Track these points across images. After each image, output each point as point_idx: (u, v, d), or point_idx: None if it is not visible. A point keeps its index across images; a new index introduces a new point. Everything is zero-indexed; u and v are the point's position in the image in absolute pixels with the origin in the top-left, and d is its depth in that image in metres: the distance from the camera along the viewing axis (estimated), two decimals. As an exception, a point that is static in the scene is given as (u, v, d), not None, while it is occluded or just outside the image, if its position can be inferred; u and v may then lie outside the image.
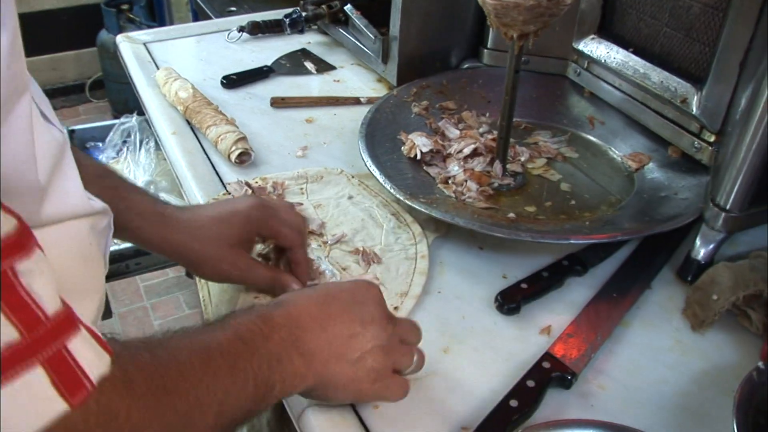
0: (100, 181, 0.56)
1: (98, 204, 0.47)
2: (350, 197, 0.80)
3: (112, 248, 1.03)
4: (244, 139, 0.88)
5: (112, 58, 2.63)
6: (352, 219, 0.76)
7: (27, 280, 0.28)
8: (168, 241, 0.60)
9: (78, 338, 0.31)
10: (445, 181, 0.83)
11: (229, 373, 0.42)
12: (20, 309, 0.28)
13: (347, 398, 0.52)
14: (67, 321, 0.31)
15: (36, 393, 0.28)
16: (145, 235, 0.60)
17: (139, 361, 0.37)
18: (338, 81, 1.12)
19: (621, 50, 0.87)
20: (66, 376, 0.30)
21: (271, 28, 1.25)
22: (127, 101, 2.73)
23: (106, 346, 0.33)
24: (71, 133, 1.50)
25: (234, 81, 1.07)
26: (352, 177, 0.83)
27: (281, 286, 0.61)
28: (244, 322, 0.46)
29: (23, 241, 0.29)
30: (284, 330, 0.47)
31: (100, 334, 0.34)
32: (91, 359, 0.31)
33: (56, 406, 0.29)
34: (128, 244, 1.00)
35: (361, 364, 0.50)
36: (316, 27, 1.27)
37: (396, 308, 0.64)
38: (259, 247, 0.69)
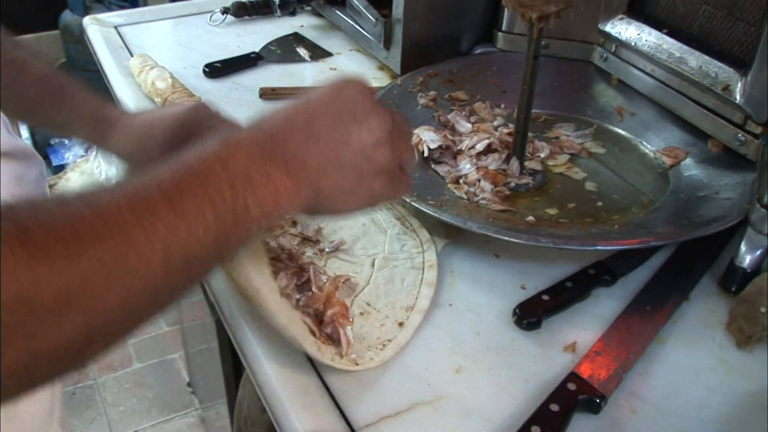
0: (45, 82, 0.65)
1: (24, 145, 0.48)
2: None
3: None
4: (229, 134, 0.88)
5: (77, 42, 2.63)
6: (352, 224, 0.76)
7: None
8: (107, 144, 0.66)
9: None
10: (456, 181, 0.83)
11: (171, 211, 0.39)
12: None
13: (358, 205, 0.52)
14: None
15: None
16: (84, 137, 0.67)
17: (42, 216, 0.35)
18: (335, 69, 1.12)
19: (654, 31, 0.87)
20: None
21: (259, 10, 1.25)
22: (95, 91, 2.73)
23: None
24: (32, 128, 1.51)
25: (218, 69, 1.07)
26: None
27: None
28: (197, 152, 0.44)
29: None
30: (253, 147, 0.45)
31: None
32: None
33: None
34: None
35: (367, 164, 0.49)
36: (309, 8, 1.28)
37: (401, 324, 0.64)
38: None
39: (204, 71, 1.07)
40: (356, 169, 0.49)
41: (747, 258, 0.69)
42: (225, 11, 1.24)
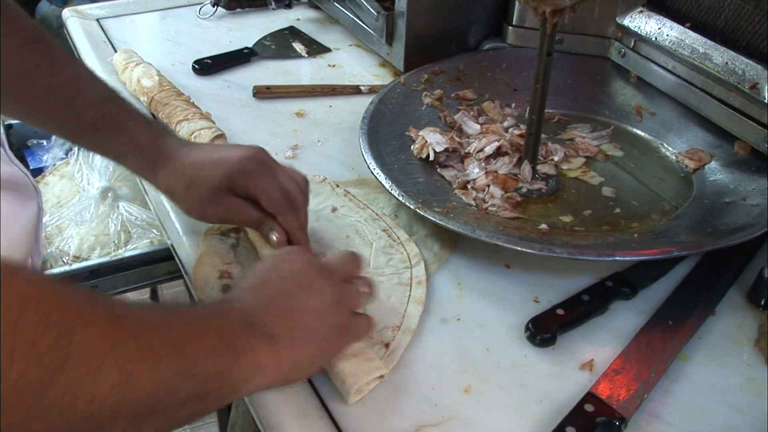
0: (103, 106, 0.70)
1: (21, 174, 0.49)
2: (333, 209, 0.80)
3: (59, 270, 1.03)
4: (222, 136, 0.88)
5: (55, 35, 2.58)
6: (336, 235, 0.76)
7: None
8: (157, 178, 0.71)
9: None
10: (464, 186, 0.83)
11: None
12: None
13: (324, 364, 0.60)
14: None
15: None
16: (136, 170, 0.73)
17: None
18: (334, 66, 1.13)
19: (676, 25, 0.88)
20: None
21: (253, 2, 1.26)
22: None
23: None
24: (8, 128, 1.51)
25: (208, 66, 1.08)
26: (337, 186, 0.83)
27: (265, 230, 0.70)
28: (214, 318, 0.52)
29: None
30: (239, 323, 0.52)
31: None
32: None
33: None
34: (81, 265, 1.01)
35: (327, 328, 0.57)
36: (306, 0, 1.28)
37: (387, 345, 0.64)
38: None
39: (193, 68, 1.08)
40: (318, 336, 0.56)
41: (776, 269, 0.69)
42: (216, 3, 1.25)
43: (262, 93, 1.02)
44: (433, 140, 0.86)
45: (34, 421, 0.37)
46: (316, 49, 1.16)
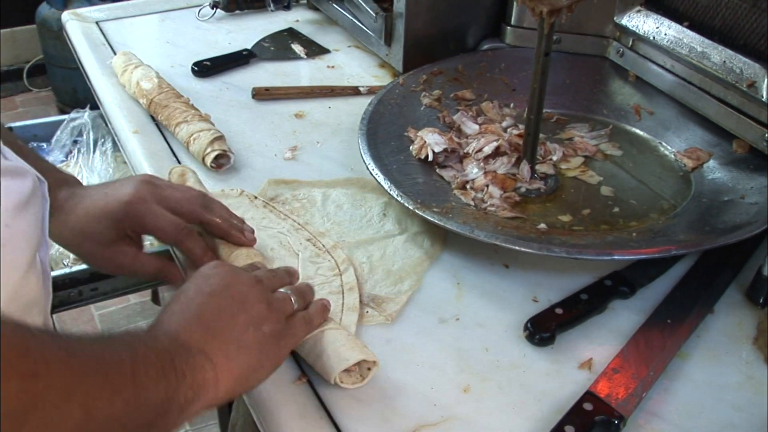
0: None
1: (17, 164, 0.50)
2: (252, 220, 0.78)
3: (60, 272, 1.03)
4: (221, 138, 0.88)
5: (55, 38, 2.64)
6: (260, 248, 0.74)
7: None
8: (52, 234, 0.68)
9: None
10: (463, 186, 0.84)
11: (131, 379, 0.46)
12: None
13: (269, 373, 0.58)
14: None
15: None
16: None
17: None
18: (333, 67, 1.13)
19: (673, 24, 0.88)
20: None
21: (252, 4, 1.26)
22: (75, 91, 2.73)
23: None
24: (9, 130, 1.52)
25: (207, 68, 1.08)
26: (255, 198, 0.83)
27: (167, 278, 0.71)
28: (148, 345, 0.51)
29: None
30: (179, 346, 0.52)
31: None
32: None
33: None
34: (82, 267, 1.01)
35: (261, 337, 0.56)
36: (305, 2, 1.29)
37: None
38: None
39: (192, 70, 1.08)
40: (254, 346, 0.56)
41: (775, 267, 0.69)
42: (215, 5, 1.25)
43: (261, 94, 1.03)
44: (431, 141, 0.86)
45: None
46: (315, 50, 1.17)
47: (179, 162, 0.89)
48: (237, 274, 0.59)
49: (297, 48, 1.16)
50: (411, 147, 0.88)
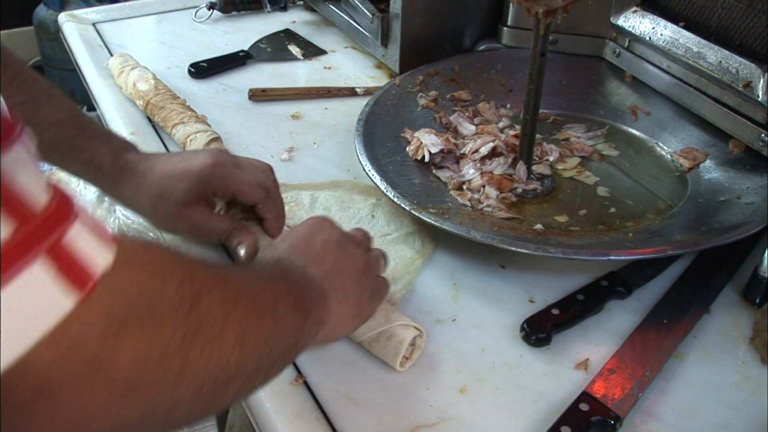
0: (58, 129, 0.70)
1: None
2: None
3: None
4: (217, 139, 0.88)
5: (52, 40, 2.64)
6: None
7: (10, 175, 0.31)
8: (122, 197, 0.73)
9: (76, 228, 0.34)
10: (459, 187, 0.84)
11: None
12: (10, 203, 0.31)
13: (357, 326, 0.62)
14: (62, 210, 0.34)
15: (39, 289, 0.31)
16: (100, 187, 0.75)
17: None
18: (329, 68, 1.13)
19: (669, 25, 0.88)
20: (68, 269, 0.33)
21: (248, 5, 1.26)
22: (72, 92, 2.72)
23: (107, 237, 0.36)
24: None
25: (204, 69, 1.08)
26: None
27: (234, 245, 0.71)
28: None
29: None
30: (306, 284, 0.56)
31: (103, 224, 0.36)
32: (92, 249, 0.34)
33: (63, 299, 0.32)
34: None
35: (361, 291, 0.61)
36: (301, 3, 1.29)
37: None
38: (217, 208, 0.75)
39: (189, 71, 1.08)
40: (355, 296, 0.60)
41: (771, 267, 0.69)
42: (211, 6, 1.25)
43: (258, 96, 1.03)
44: (428, 141, 0.86)
45: (175, 389, 0.39)
46: (311, 51, 1.17)
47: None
48: (342, 232, 0.64)
49: (294, 49, 1.16)
50: (407, 148, 0.88)
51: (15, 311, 0.30)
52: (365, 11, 1.07)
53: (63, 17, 1.23)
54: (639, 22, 0.92)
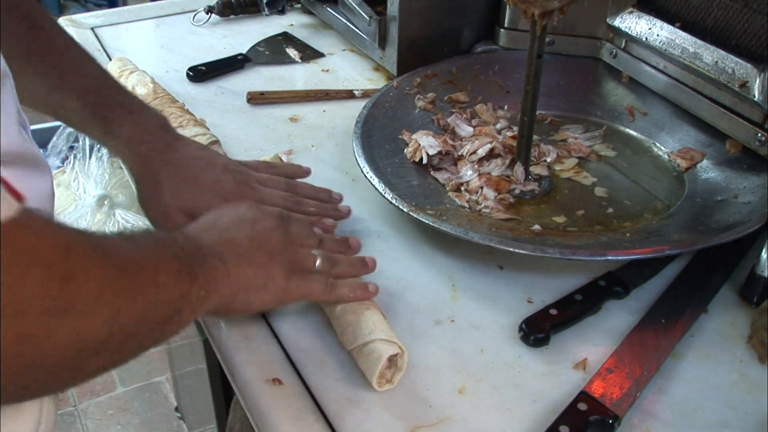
0: (87, 95, 0.71)
1: (34, 150, 0.54)
2: None
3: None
4: (216, 143, 0.89)
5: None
6: None
7: None
8: (132, 176, 0.74)
9: None
10: (457, 189, 0.84)
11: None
12: None
13: (272, 300, 0.63)
14: None
15: None
16: (125, 163, 0.75)
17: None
18: (327, 71, 1.13)
19: (666, 25, 0.88)
20: None
21: (246, 8, 1.26)
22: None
23: (18, 195, 0.37)
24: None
25: (202, 73, 1.08)
26: None
27: None
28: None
29: None
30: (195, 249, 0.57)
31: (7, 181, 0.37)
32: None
33: None
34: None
35: (270, 262, 0.61)
36: (299, 6, 1.29)
37: None
38: None
39: (188, 75, 1.08)
40: (263, 267, 0.60)
41: (768, 266, 0.70)
42: (209, 10, 1.25)
43: (256, 99, 1.03)
44: (426, 143, 0.86)
45: (37, 368, 0.39)
46: (309, 54, 1.17)
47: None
48: (264, 210, 0.65)
49: (292, 52, 1.17)
50: (405, 150, 0.88)
51: None
52: (362, 14, 1.07)
53: (62, 22, 1.23)
54: (635, 23, 0.92)
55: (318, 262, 0.65)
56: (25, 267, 0.37)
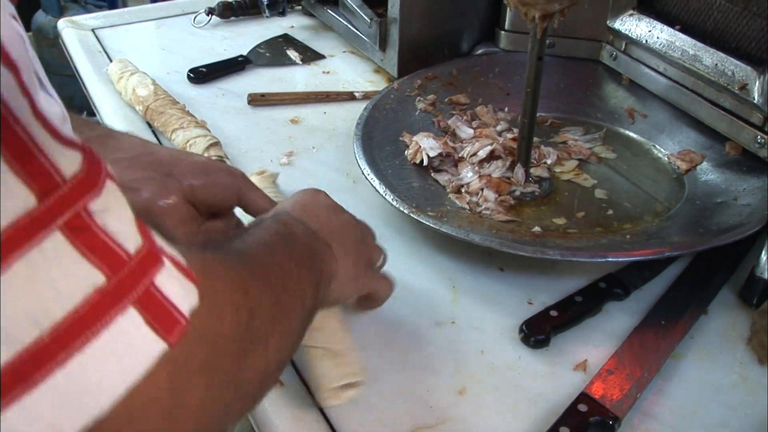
0: (87, 129, 0.66)
1: None
2: None
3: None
4: (217, 144, 0.89)
5: (51, 45, 2.64)
6: None
7: (102, 220, 0.30)
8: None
9: (164, 272, 0.33)
10: (458, 190, 0.84)
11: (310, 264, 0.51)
12: (102, 251, 0.30)
13: (354, 291, 0.62)
14: (151, 255, 0.32)
15: (132, 336, 0.30)
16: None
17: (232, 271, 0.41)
18: (328, 73, 1.13)
19: (666, 28, 0.89)
20: (159, 313, 0.32)
21: (247, 10, 1.27)
22: (72, 98, 2.72)
23: (191, 275, 0.35)
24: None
25: (203, 75, 1.09)
26: None
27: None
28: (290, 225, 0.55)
29: (91, 177, 0.30)
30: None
31: (181, 259, 0.35)
32: (180, 292, 0.33)
33: (154, 347, 0.31)
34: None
35: (360, 253, 0.61)
36: (300, 8, 1.29)
37: None
38: None
39: (188, 76, 1.08)
40: (354, 257, 0.59)
41: (768, 268, 0.70)
42: (210, 12, 1.26)
43: (257, 100, 1.03)
44: (426, 145, 0.86)
45: (230, 408, 0.39)
46: (310, 56, 1.17)
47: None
48: (335, 202, 0.63)
49: (292, 54, 1.17)
50: (406, 151, 0.88)
51: (108, 359, 0.29)
52: (363, 16, 1.07)
53: (62, 23, 1.23)
54: (635, 26, 0.92)
55: (382, 257, 0.65)
56: (219, 313, 0.36)
